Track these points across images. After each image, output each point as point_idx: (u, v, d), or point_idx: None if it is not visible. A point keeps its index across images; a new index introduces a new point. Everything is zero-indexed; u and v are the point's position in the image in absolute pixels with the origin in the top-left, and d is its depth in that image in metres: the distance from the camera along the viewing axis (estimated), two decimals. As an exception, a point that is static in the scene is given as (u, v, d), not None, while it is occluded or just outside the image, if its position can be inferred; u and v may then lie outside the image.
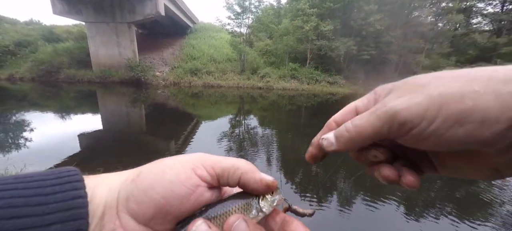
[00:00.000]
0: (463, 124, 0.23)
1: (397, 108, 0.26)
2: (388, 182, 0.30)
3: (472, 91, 0.23)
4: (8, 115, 7.59)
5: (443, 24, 20.31)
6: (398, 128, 0.26)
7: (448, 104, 0.23)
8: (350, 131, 0.29)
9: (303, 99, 13.54)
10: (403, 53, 20.01)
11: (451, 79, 0.25)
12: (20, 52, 18.73)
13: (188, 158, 0.30)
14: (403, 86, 0.28)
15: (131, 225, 0.26)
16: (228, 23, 19.68)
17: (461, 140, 0.23)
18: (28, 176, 0.25)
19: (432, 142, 0.25)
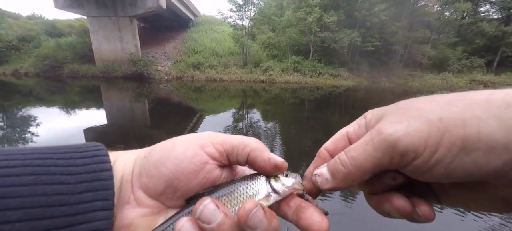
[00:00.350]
0: (469, 152, 0.21)
1: (396, 135, 0.23)
2: (403, 214, 0.27)
3: (474, 116, 0.21)
4: (15, 110, 7.70)
5: (449, 13, 19.85)
6: (400, 158, 0.24)
7: (451, 130, 0.21)
8: (347, 166, 0.27)
9: (306, 92, 13.46)
10: (408, 43, 19.65)
11: (447, 103, 0.23)
12: (24, 47, 18.86)
13: (197, 136, 0.31)
14: (397, 110, 0.26)
15: (143, 199, 0.28)
16: (230, 16, 19.53)
17: (468, 170, 0.21)
18: (61, 148, 0.27)
19: (438, 173, 0.23)
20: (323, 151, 0.33)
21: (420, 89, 16.62)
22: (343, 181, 0.27)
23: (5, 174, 0.21)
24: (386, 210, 0.28)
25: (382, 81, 19.27)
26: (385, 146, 0.24)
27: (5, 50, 18.10)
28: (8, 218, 0.20)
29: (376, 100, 12.27)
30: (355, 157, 0.26)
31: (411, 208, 0.27)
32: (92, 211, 0.24)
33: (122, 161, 0.30)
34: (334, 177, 0.28)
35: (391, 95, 13.79)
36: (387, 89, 16.24)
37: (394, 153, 0.24)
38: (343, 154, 0.27)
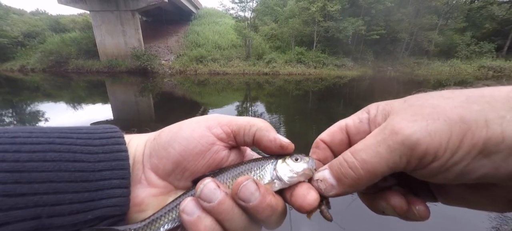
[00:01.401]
0: (489, 154, 0.19)
1: (416, 136, 0.21)
2: (399, 213, 0.26)
3: (499, 117, 0.19)
4: (24, 106, 7.87)
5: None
6: (418, 162, 0.22)
7: (473, 132, 0.20)
8: (357, 170, 0.24)
9: (310, 84, 13.35)
10: (415, 30, 19.15)
11: (466, 100, 0.21)
12: (29, 43, 19.07)
13: (204, 118, 0.31)
14: (408, 107, 0.24)
15: (153, 179, 0.29)
16: (232, 8, 19.27)
17: (484, 172, 0.20)
18: (79, 129, 0.28)
19: (451, 175, 0.21)
20: (319, 142, 0.31)
21: (427, 77, 16.30)
22: (352, 187, 0.25)
23: (31, 150, 0.22)
24: (382, 208, 0.27)
25: (387, 71, 18.95)
26: (403, 148, 0.22)
27: (12, 46, 18.35)
28: (36, 190, 0.21)
29: (382, 90, 12.11)
30: (366, 160, 0.23)
31: (407, 206, 0.26)
32: (110, 188, 0.25)
33: (135, 143, 0.31)
34: (341, 182, 0.25)
35: (396, 85, 13.57)
36: (392, 79, 15.98)
37: (412, 156, 0.21)
38: (351, 156, 0.25)
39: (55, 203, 0.22)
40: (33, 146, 0.23)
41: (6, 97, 9.08)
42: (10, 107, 7.73)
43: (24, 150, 0.22)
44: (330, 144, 0.30)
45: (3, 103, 8.16)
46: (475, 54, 18.77)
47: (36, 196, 0.21)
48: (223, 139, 0.30)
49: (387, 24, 18.70)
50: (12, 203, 0.20)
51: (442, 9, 18.92)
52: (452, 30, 20.15)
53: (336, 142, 0.30)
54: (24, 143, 0.22)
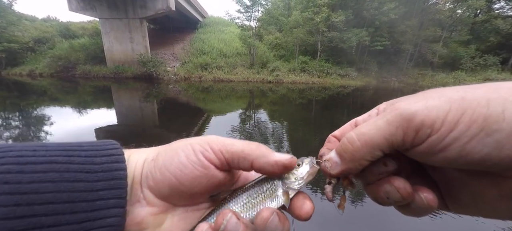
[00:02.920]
0: (491, 132, 0.19)
1: (413, 109, 0.22)
2: (403, 195, 0.25)
3: (500, 97, 0.20)
4: (31, 110, 8.01)
5: (462, 10, 19.22)
6: (414, 134, 0.22)
7: (473, 108, 0.20)
8: (355, 142, 0.25)
9: (313, 93, 13.36)
10: (419, 42, 19.18)
11: (471, 86, 0.22)
12: (39, 49, 19.58)
13: (198, 141, 0.30)
14: (415, 95, 0.24)
15: (151, 199, 0.29)
16: (237, 17, 19.62)
17: (486, 153, 0.19)
18: (81, 145, 0.28)
19: (451, 154, 0.21)
20: (331, 137, 0.33)
21: (431, 88, 16.18)
22: (351, 160, 0.26)
23: (33, 170, 0.22)
24: (385, 191, 0.26)
25: (391, 81, 18.90)
26: (400, 119, 0.22)
27: (22, 52, 18.86)
28: (36, 211, 0.21)
29: (385, 100, 12.01)
30: (364, 132, 0.24)
31: (411, 191, 0.25)
32: (106, 208, 0.25)
33: (134, 160, 0.31)
34: (342, 157, 0.26)
35: (401, 95, 13.43)
36: (396, 89, 15.91)
37: (408, 127, 0.22)
38: (352, 132, 0.26)
39: (52, 225, 0.22)
40: (35, 166, 0.23)
41: (14, 101, 9.25)
42: (18, 111, 7.87)
43: (27, 171, 0.22)
44: (340, 138, 0.31)
45: (11, 107, 8.31)
46: (480, 67, 18.66)
47: (35, 218, 0.21)
48: (217, 165, 0.29)
49: (391, 35, 18.79)
50: (11, 226, 0.20)
51: (446, 21, 18.98)
52: (457, 43, 20.13)
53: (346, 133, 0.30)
54: (27, 163, 0.22)
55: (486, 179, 0.22)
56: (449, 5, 19.42)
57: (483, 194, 0.23)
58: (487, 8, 20.18)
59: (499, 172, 0.21)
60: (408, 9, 18.49)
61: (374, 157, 0.25)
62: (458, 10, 19.27)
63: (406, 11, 18.40)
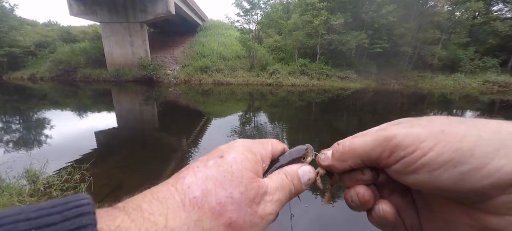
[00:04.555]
0: (458, 164, 0.21)
1: (394, 132, 0.25)
2: (361, 201, 0.29)
3: (476, 135, 0.21)
4: (31, 113, 8.04)
5: (460, 13, 19.36)
6: (390, 153, 0.25)
7: (447, 140, 0.22)
8: (344, 146, 0.29)
9: (313, 95, 13.40)
10: (418, 44, 19.28)
11: (459, 121, 0.23)
12: (40, 53, 19.70)
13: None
14: (411, 120, 0.27)
15: None
16: (237, 20, 19.72)
17: (452, 182, 0.21)
18: (35, 211, 0.18)
19: (421, 178, 0.23)
20: (335, 144, 0.36)
21: (431, 91, 16.24)
22: (337, 159, 0.30)
23: None
24: (350, 196, 0.30)
25: (391, 83, 18.95)
26: (381, 138, 0.25)
27: (23, 56, 18.97)
28: None
29: (385, 103, 12.07)
30: (354, 141, 0.28)
31: (370, 199, 0.29)
32: None
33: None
34: (332, 155, 0.31)
35: (400, 98, 13.54)
36: (396, 91, 15.95)
37: (386, 146, 0.25)
38: (348, 138, 0.30)
39: None
40: None
41: (15, 105, 9.30)
42: (18, 115, 7.90)
43: None
44: None
45: (11, 111, 8.35)
46: (479, 69, 18.73)
47: None
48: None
49: (390, 37, 18.89)
50: None
51: (444, 24, 19.10)
52: (456, 45, 20.22)
53: None
54: None
55: (460, 208, 0.24)
56: (447, 8, 19.56)
57: (456, 223, 0.24)
58: (486, 10, 20.32)
59: (469, 203, 0.22)
60: (406, 12, 18.62)
61: (355, 164, 0.28)
62: (457, 13, 19.42)
63: (405, 14, 18.52)
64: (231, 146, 0.30)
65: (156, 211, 0.22)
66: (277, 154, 0.34)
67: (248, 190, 0.25)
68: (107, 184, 3.24)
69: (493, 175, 0.19)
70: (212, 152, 0.29)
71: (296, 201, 0.35)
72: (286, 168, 0.31)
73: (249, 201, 0.25)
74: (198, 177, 0.25)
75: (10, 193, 2.41)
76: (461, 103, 12.10)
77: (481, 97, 13.57)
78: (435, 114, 9.45)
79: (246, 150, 0.29)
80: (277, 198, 0.28)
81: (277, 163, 0.32)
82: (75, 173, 3.09)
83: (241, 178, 0.25)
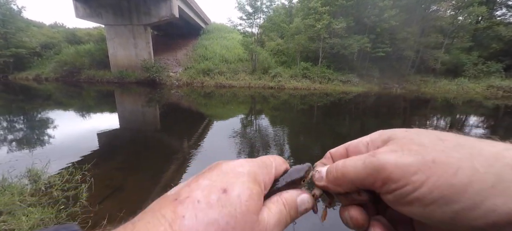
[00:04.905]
0: (450, 202, 0.20)
1: (383, 162, 0.23)
2: (355, 224, 0.29)
3: (470, 167, 0.20)
4: (35, 113, 8.13)
5: (463, 17, 19.27)
6: (381, 184, 0.24)
7: (439, 175, 0.20)
8: (338, 171, 0.28)
9: (315, 99, 13.39)
10: (420, 49, 19.22)
11: (454, 146, 0.22)
12: (45, 54, 19.99)
13: None
14: (402, 138, 0.25)
15: None
16: (239, 24, 19.83)
17: (446, 219, 0.20)
18: None
19: (416, 211, 0.22)
20: (328, 153, 0.37)
21: (433, 95, 16.14)
22: (331, 183, 0.29)
23: None
24: (345, 217, 0.30)
25: (393, 87, 18.88)
26: (371, 168, 0.24)
27: (29, 57, 19.26)
28: None
29: (388, 107, 12.02)
30: (346, 166, 0.27)
31: (364, 222, 0.28)
32: None
33: None
34: (327, 177, 0.30)
35: (403, 102, 13.47)
36: (398, 96, 15.88)
37: (377, 177, 0.24)
38: (342, 162, 0.29)
39: None
40: None
41: (20, 105, 9.41)
42: (22, 114, 7.99)
43: None
44: (334, 156, 0.35)
45: (16, 111, 8.45)
46: (483, 74, 18.58)
47: None
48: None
49: (393, 42, 18.85)
50: None
51: (447, 28, 19.02)
52: (459, 49, 20.11)
53: (338, 156, 0.34)
54: None
55: None
56: (450, 12, 19.50)
57: None
58: (489, 15, 20.22)
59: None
60: (409, 16, 18.59)
61: (350, 189, 0.28)
62: (460, 17, 19.33)
63: (407, 18, 18.50)
64: (236, 175, 0.26)
65: None
66: (279, 175, 0.33)
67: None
68: (108, 185, 3.26)
69: (488, 216, 0.18)
70: (213, 171, 0.26)
71: None
72: (285, 196, 0.30)
73: None
74: (199, 220, 0.22)
75: (11, 192, 2.44)
76: (465, 108, 12.00)
77: (485, 102, 13.44)
78: (438, 119, 9.38)
79: (252, 181, 0.26)
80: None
81: (277, 184, 0.32)
82: (77, 174, 3.12)
83: (244, 224, 0.23)
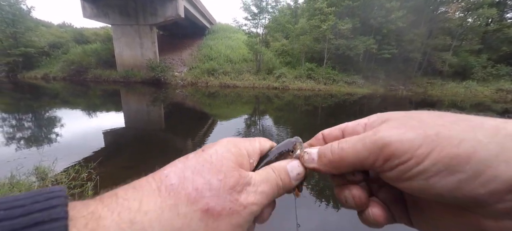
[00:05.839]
0: (454, 172, 0.20)
1: (387, 139, 0.23)
2: (357, 202, 0.28)
3: (473, 139, 0.20)
4: (43, 111, 8.27)
5: (473, 19, 18.92)
6: (384, 162, 0.23)
7: (443, 146, 0.20)
8: (334, 154, 0.27)
9: (319, 100, 13.31)
10: (428, 51, 18.92)
11: (454, 121, 0.22)
12: (53, 53, 20.34)
13: None
14: (402, 117, 0.25)
15: None
16: (245, 24, 19.90)
17: (448, 190, 0.20)
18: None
19: (416, 185, 0.22)
20: (319, 134, 0.35)
21: (441, 98, 15.88)
22: (325, 166, 0.28)
23: None
24: (344, 196, 0.29)
25: (399, 89, 18.65)
26: (373, 147, 0.24)
27: (37, 56, 19.62)
28: None
29: (393, 109, 11.80)
30: (344, 148, 0.26)
31: (365, 201, 0.28)
32: None
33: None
34: (320, 159, 0.29)
35: (409, 105, 13.28)
36: (404, 98, 15.67)
37: (379, 155, 0.23)
38: (336, 143, 0.28)
39: None
40: None
41: (28, 103, 9.59)
42: (31, 112, 8.14)
43: None
44: (327, 138, 0.33)
45: (24, 109, 8.61)
46: (492, 77, 18.21)
47: None
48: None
49: (399, 43, 18.64)
50: None
51: (456, 30, 18.71)
52: (467, 52, 19.75)
53: (332, 137, 0.33)
54: None
55: (453, 210, 0.23)
56: (459, 14, 19.17)
57: (448, 222, 0.24)
58: (499, 17, 19.81)
59: (464, 207, 0.22)
60: (416, 18, 18.36)
61: (346, 171, 0.28)
62: (469, 19, 19.01)
63: (414, 20, 18.27)
64: (215, 142, 0.29)
65: (131, 197, 0.22)
66: (265, 151, 0.33)
67: (228, 177, 0.25)
68: (113, 183, 3.25)
69: (491, 183, 0.19)
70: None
71: (301, 210, 0.34)
72: (274, 164, 0.30)
73: (228, 188, 0.24)
74: (177, 167, 0.25)
75: (19, 189, 2.47)
76: (472, 111, 11.66)
77: (494, 105, 13.17)
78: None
79: (231, 144, 0.28)
80: (262, 190, 0.26)
81: (266, 158, 0.32)
82: (83, 172, 3.15)
83: (220, 166, 0.25)
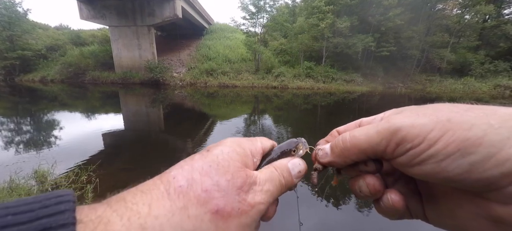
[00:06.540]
0: (466, 154, 0.20)
1: (399, 124, 0.24)
2: (371, 191, 0.28)
3: (486, 123, 0.20)
4: (41, 115, 8.22)
5: (470, 16, 18.94)
6: (396, 146, 0.24)
7: (454, 130, 0.21)
8: (346, 142, 0.28)
9: (318, 98, 13.31)
10: (426, 48, 18.96)
11: (467, 109, 0.22)
12: (51, 56, 20.24)
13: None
14: (415, 108, 0.26)
15: None
16: (243, 24, 19.86)
17: (460, 173, 0.20)
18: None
19: (428, 169, 0.22)
20: (334, 131, 0.35)
21: (439, 94, 15.93)
22: (339, 156, 0.29)
23: None
24: (359, 186, 0.29)
25: (398, 87, 18.68)
26: (386, 132, 0.24)
27: (35, 59, 19.51)
28: None
29: (392, 106, 11.84)
30: (356, 135, 0.27)
31: (380, 188, 0.28)
32: None
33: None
34: (332, 151, 0.29)
35: (408, 102, 13.30)
36: (403, 95, 15.70)
37: (392, 139, 0.24)
38: (348, 133, 0.28)
39: None
40: None
41: (26, 106, 9.54)
42: (29, 116, 8.09)
43: None
44: (341, 133, 0.33)
45: (22, 112, 8.56)
46: (490, 73, 18.27)
47: None
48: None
49: (397, 41, 18.66)
50: None
51: (454, 27, 18.74)
52: (465, 48, 19.81)
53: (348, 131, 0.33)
54: None
55: (465, 197, 0.23)
56: (456, 11, 19.20)
57: (461, 211, 0.24)
58: (497, 13, 19.85)
59: (475, 192, 0.22)
60: (414, 15, 18.38)
61: (359, 158, 0.28)
62: (466, 16, 19.03)
63: (412, 17, 18.28)
64: (220, 143, 0.29)
65: (140, 201, 0.22)
66: (267, 150, 0.33)
67: (235, 178, 0.25)
68: (113, 186, 3.27)
69: (503, 165, 0.19)
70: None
71: (303, 208, 0.33)
72: (276, 162, 0.31)
73: (236, 189, 0.25)
74: (184, 169, 0.25)
75: (19, 193, 2.46)
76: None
77: (492, 101, 13.10)
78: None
79: (235, 144, 0.29)
80: (267, 189, 0.27)
81: (268, 157, 0.32)
82: (82, 175, 3.13)
83: (227, 167, 0.26)
